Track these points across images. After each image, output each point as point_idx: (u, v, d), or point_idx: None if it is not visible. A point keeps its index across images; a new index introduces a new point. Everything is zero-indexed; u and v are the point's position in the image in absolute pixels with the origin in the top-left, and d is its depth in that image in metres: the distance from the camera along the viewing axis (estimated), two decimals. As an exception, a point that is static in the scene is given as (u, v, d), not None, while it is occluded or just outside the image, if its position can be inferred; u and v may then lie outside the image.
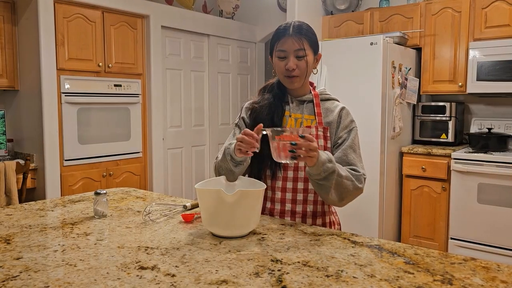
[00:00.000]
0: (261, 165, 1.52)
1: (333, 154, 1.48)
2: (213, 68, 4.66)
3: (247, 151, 1.30)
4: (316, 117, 1.52)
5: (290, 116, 1.54)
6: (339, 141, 1.50)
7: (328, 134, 1.50)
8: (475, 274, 0.98)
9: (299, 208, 1.49)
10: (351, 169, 1.44)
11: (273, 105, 1.53)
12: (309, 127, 1.50)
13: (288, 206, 1.50)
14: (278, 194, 1.50)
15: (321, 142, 1.48)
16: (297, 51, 1.44)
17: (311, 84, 1.60)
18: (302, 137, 1.22)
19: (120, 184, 3.76)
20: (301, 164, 1.48)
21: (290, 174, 1.50)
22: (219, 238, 1.23)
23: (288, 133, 1.25)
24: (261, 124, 1.31)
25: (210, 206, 1.21)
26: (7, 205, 2.96)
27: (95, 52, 3.57)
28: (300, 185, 1.49)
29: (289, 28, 1.45)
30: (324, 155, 1.33)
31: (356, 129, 1.53)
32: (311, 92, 1.57)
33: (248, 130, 1.30)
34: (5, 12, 3.34)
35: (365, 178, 1.45)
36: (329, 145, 1.50)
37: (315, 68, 1.54)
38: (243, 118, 1.61)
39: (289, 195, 1.49)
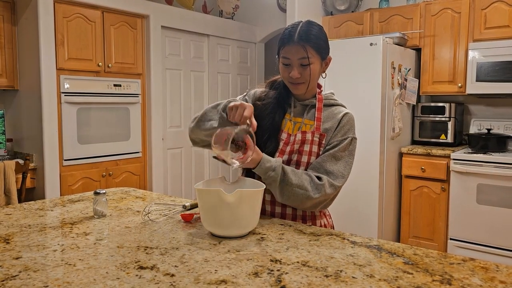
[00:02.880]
0: None
1: None
2: (213, 68, 4.66)
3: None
4: (315, 122, 1.47)
5: (290, 120, 1.51)
6: (328, 147, 1.46)
7: (324, 141, 1.46)
8: (474, 275, 0.98)
9: (289, 211, 1.48)
10: (317, 176, 1.40)
11: (275, 105, 1.52)
12: (304, 132, 1.46)
13: (278, 209, 1.49)
14: (268, 197, 1.50)
15: (315, 148, 1.45)
16: (301, 59, 1.40)
17: (319, 86, 1.55)
18: (214, 157, 1.28)
19: (120, 184, 3.76)
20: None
21: None
22: (219, 238, 1.23)
23: (212, 139, 1.26)
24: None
25: (209, 206, 1.22)
26: (6, 205, 2.96)
27: (95, 52, 3.57)
28: None
29: (294, 34, 1.39)
30: (268, 163, 1.35)
31: (351, 139, 1.46)
32: (315, 96, 1.52)
33: (244, 105, 1.28)
34: (5, 12, 3.34)
35: (333, 186, 1.40)
36: (322, 152, 1.47)
37: (324, 72, 1.50)
38: (245, 100, 1.60)
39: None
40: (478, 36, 3.40)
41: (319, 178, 1.40)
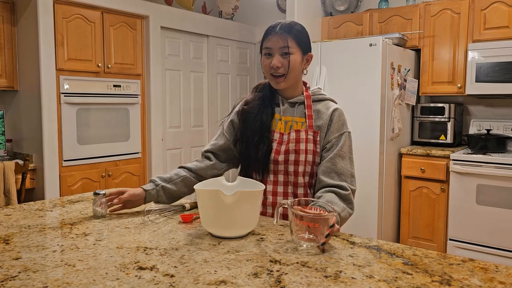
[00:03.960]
0: (248, 171, 1.52)
1: (321, 158, 1.47)
2: (212, 69, 4.66)
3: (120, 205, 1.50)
4: (307, 120, 1.47)
5: (280, 119, 1.51)
6: (327, 146, 1.46)
7: (318, 138, 1.47)
8: (474, 275, 0.98)
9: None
10: (338, 186, 1.39)
11: (261, 106, 1.52)
12: (298, 130, 1.46)
13: (280, 210, 1.49)
14: (270, 198, 1.50)
15: (311, 146, 1.45)
16: (282, 48, 1.42)
17: (305, 84, 1.56)
18: (331, 226, 1.13)
19: (119, 185, 3.76)
20: (291, 169, 1.47)
21: (281, 178, 1.49)
22: (218, 238, 1.23)
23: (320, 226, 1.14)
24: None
25: (209, 207, 1.22)
26: (6, 206, 2.96)
27: (95, 52, 3.57)
28: (290, 189, 1.49)
29: (277, 26, 1.44)
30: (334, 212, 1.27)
31: (348, 134, 1.48)
32: (303, 93, 1.53)
33: (114, 190, 1.48)
34: (4, 12, 3.34)
35: (354, 190, 1.42)
36: (318, 149, 1.47)
37: (305, 69, 1.51)
38: (232, 121, 1.59)
39: (280, 199, 1.49)
40: (478, 37, 3.40)
41: (341, 188, 1.39)
